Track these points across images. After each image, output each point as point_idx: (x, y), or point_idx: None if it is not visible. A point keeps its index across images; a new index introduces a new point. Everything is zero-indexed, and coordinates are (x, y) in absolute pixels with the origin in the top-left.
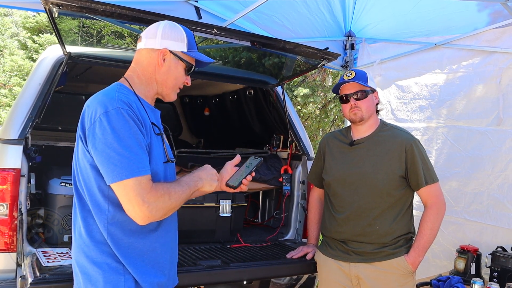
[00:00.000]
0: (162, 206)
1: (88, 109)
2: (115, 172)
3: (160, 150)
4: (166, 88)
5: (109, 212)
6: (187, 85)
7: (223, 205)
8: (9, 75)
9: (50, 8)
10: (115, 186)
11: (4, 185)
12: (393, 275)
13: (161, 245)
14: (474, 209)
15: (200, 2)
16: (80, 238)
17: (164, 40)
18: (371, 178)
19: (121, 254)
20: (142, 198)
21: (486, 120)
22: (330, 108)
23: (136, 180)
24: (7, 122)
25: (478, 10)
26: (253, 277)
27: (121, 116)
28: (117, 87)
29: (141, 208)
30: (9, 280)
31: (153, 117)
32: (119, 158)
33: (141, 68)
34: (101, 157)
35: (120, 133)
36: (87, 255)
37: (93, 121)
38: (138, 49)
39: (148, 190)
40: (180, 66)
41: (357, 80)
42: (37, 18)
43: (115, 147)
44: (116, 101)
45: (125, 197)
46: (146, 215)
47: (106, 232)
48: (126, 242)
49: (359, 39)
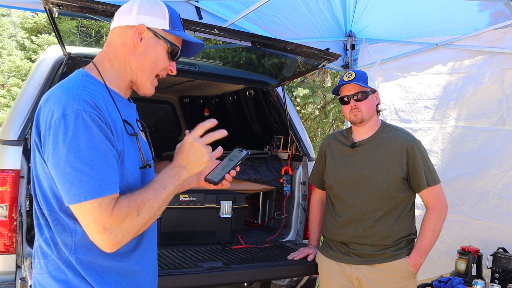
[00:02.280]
0: (129, 228)
1: (44, 108)
2: (71, 192)
3: (135, 154)
4: (141, 73)
5: (76, 234)
6: (172, 74)
7: (223, 206)
8: (7, 75)
9: (50, 8)
10: (73, 208)
11: (4, 187)
12: (395, 277)
13: (142, 267)
14: (480, 208)
15: (200, 2)
16: (46, 258)
17: (141, 15)
18: (373, 180)
19: (94, 280)
20: (103, 225)
21: (491, 120)
22: (329, 108)
23: (96, 202)
24: (7, 123)
25: (479, 10)
26: (254, 279)
27: (81, 121)
28: (81, 79)
29: (102, 237)
30: (9, 282)
31: (127, 113)
32: (76, 174)
33: (113, 50)
34: (56, 172)
35: (78, 143)
36: (57, 278)
37: (48, 126)
38: (111, 29)
39: (108, 213)
40: (161, 46)
41: (357, 81)
42: (36, 18)
43: (71, 161)
44: (77, 101)
45: (84, 222)
46: (110, 244)
47: (74, 257)
48: (99, 266)
49: (360, 40)
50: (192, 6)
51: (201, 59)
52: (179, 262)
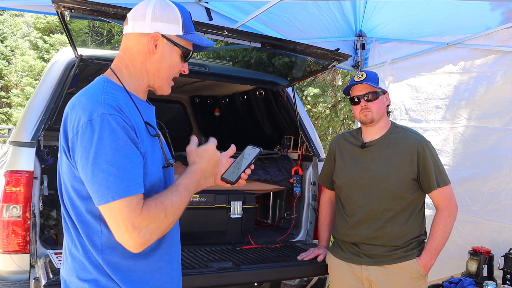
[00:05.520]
0: (157, 228)
1: (71, 115)
2: (100, 193)
3: (158, 155)
4: (159, 79)
5: (102, 235)
6: (184, 73)
7: (234, 206)
8: (20, 75)
9: (62, 12)
10: (102, 209)
11: (18, 187)
12: (405, 278)
13: (167, 263)
14: (491, 208)
15: (211, 3)
16: (74, 260)
17: (155, 22)
18: (383, 181)
19: (121, 279)
20: (132, 224)
21: (503, 120)
22: (340, 107)
23: (125, 201)
24: (20, 125)
25: (491, 10)
26: (264, 279)
27: (106, 124)
28: (104, 85)
29: (131, 235)
30: (23, 281)
31: (147, 115)
32: (104, 176)
33: (130, 57)
34: (85, 175)
35: (104, 146)
36: (84, 278)
37: (75, 131)
38: (125, 34)
39: (138, 212)
40: (175, 52)
41: (368, 81)
42: (48, 18)
43: (98, 163)
44: (102, 106)
45: (112, 222)
46: (138, 242)
47: (101, 258)
48: (125, 265)
49: (370, 39)
50: (202, 7)
51: (212, 60)
52: (190, 262)
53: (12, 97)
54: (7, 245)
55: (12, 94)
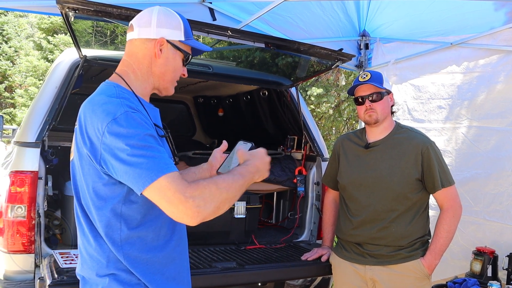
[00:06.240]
0: (210, 198)
1: (92, 121)
2: (143, 177)
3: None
4: (164, 81)
5: (122, 231)
6: (184, 77)
7: (237, 206)
8: (25, 75)
9: (66, 13)
10: (148, 192)
11: (22, 188)
12: (409, 278)
13: (179, 254)
14: (493, 209)
15: (214, 3)
16: (92, 259)
17: (161, 28)
18: (387, 181)
19: (140, 272)
20: (183, 194)
21: (506, 120)
22: (343, 107)
23: (169, 177)
24: (25, 125)
25: (495, 9)
26: (268, 279)
27: (131, 118)
28: (116, 90)
29: (185, 205)
30: (28, 281)
31: (154, 117)
32: (142, 161)
33: (136, 62)
34: (121, 168)
35: (135, 136)
36: (103, 274)
37: (101, 133)
38: (130, 40)
39: (186, 184)
40: (178, 56)
41: (372, 81)
42: (52, 19)
43: (134, 152)
44: (122, 106)
45: (163, 200)
46: (195, 211)
47: (121, 253)
48: (143, 259)
49: (374, 39)
50: (206, 7)
51: (215, 60)
52: (194, 262)
53: (16, 97)
54: (12, 245)
55: (16, 95)
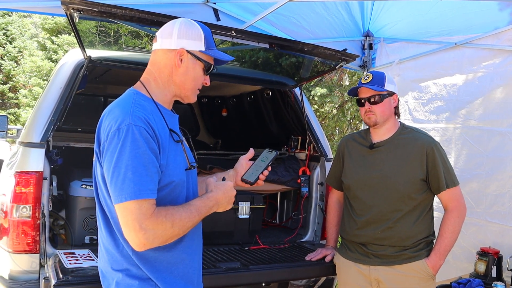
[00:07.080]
0: (161, 234)
1: (104, 123)
2: (116, 193)
3: (181, 158)
4: (184, 90)
5: None
6: (206, 85)
7: (241, 206)
8: (29, 75)
9: (71, 13)
10: (117, 208)
11: (27, 188)
12: (414, 278)
13: (189, 255)
14: (495, 210)
15: (218, 4)
16: (108, 252)
17: (181, 39)
18: (392, 182)
19: (148, 269)
20: (140, 224)
21: (507, 120)
22: (347, 107)
23: (136, 203)
24: (30, 126)
25: (499, 9)
26: (272, 280)
27: (130, 134)
28: (134, 97)
29: (137, 234)
30: (33, 281)
31: (172, 123)
32: (122, 179)
33: (158, 70)
34: (107, 176)
35: (125, 152)
36: (117, 268)
37: (106, 137)
38: (154, 50)
39: (148, 215)
40: (198, 66)
41: (373, 83)
42: (56, 19)
43: (119, 167)
44: (130, 117)
45: (123, 220)
46: (141, 242)
47: (130, 249)
48: (151, 256)
49: (378, 39)
50: (210, 8)
51: None
52: None
53: (21, 97)
54: (17, 245)
55: (21, 95)
